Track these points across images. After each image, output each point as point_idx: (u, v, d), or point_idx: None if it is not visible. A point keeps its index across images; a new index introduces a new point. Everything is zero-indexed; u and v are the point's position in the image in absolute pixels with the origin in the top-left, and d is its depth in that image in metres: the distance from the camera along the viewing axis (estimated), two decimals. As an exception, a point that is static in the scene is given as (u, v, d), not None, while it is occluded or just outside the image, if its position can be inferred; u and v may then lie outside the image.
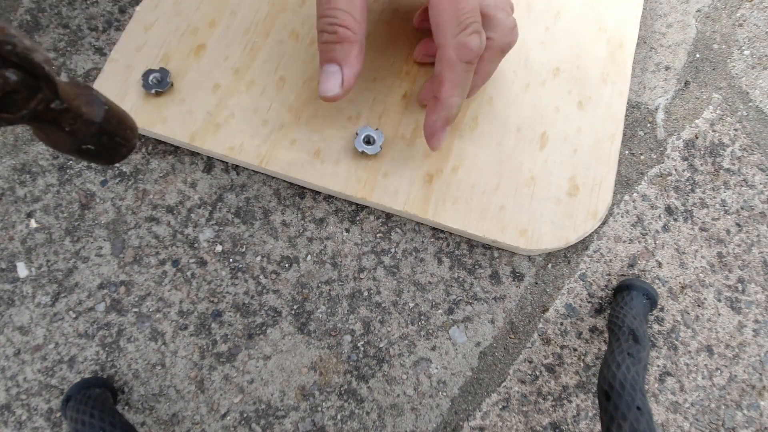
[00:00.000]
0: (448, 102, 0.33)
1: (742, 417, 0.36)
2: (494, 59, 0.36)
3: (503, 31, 0.34)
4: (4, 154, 0.40)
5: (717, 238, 0.40)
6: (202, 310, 0.38)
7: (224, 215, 0.40)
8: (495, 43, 0.35)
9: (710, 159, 0.42)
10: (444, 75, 0.32)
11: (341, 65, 0.33)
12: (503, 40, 0.35)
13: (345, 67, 0.33)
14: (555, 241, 0.38)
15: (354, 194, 0.38)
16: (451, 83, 0.33)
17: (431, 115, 0.35)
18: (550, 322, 0.38)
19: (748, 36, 0.46)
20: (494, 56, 0.36)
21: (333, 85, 0.33)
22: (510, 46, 0.36)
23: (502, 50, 0.35)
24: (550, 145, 0.40)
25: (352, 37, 0.32)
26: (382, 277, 0.39)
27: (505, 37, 0.35)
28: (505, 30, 0.34)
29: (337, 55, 0.33)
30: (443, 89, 0.33)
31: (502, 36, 0.35)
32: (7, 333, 0.37)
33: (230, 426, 0.36)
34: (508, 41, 0.35)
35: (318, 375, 0.37)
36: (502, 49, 0.35)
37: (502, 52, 0.36)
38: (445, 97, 0.33)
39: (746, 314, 0.39)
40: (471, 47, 0.31)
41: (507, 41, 0.35)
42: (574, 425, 0.36)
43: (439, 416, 0.36)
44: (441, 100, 0.33)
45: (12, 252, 0.38)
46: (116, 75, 0.40)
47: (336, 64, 0.33)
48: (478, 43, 0.31)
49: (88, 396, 0.33)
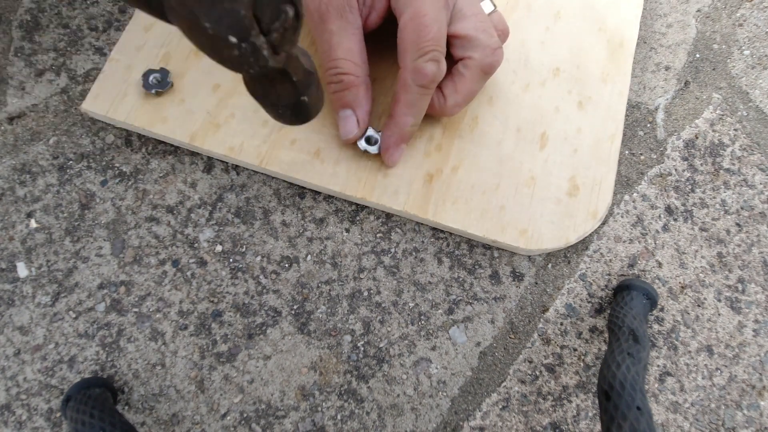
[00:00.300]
0: (400, 120, 0.36)
1: (742, 417, 0.36)
2: (476, 79, 0.36)
3: (484, 51, 0.35)
4: (4, 154, 0.40)
5: (717, 238, 0.40)
6: (202, 310, 0.38)
7: (224, 215, 0.40)
8: (475, 62, 0.35)
9: (710, 159, 0.42)
10: (399, 95, 0.35)
11: (353, 109, 0.36)
12: (484, 61, 0.35)
13: (357, 110, 0.36)
14: (555, 241, 0.38)
15: (354, 194, 0.38)
16: (405, 103, 0.35)
17: (385, 131, 0.37)
18: (550, 322, 0.38)
19: (748, 36, 0.46)
20: (475, 76, 0.36)
21: (351, 128, 0.37)
22: (492, 66, 0.36)
23: (483, 70, 0.36)
24: (550, 145, 0.40)
25: (356, 81, 0.35)
26: (382, 277, 0.39)
27: (486, 58, 0.35)
28: (487, 50, 0.35)
29: (348, 100, 0.36)
30: (397, 108, 0.35)
31: (483, 56, 0.35)
32: (7, 333, 0.37)
33: (230, 426, 0.36)
34: (489, 62, 0.36)
35: (318, 375, 0.37)
36: (482, 69, 0.36)
37: (484, 72, 0.36)
38: (397, 115, 0.36)
39: (746, 314, 0.39)
40: (425, 73, 0.33)
41: (488, 62, 0.36)
42: (574, 425, 0.36)
43: (439, 416, 0.36)
44: (394, 117, 0.36)
45: (12, 252, 0.38)
46: (116, 75, 0.40)
47: (349, 108, 0.36)
48: (434, 70, 0.33)
49: (88, 396, 0.33)
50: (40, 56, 0.43)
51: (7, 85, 0.42)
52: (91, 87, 0.40)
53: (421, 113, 0.36)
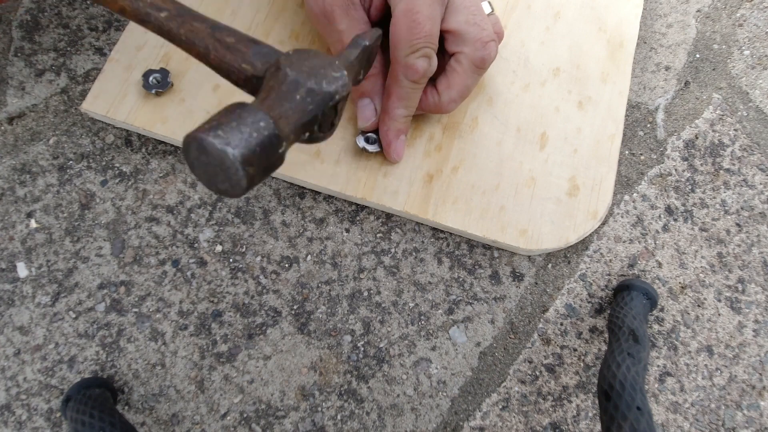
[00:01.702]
0: (393, 113, 0.36)
1: (742, 417, 0.36)
2: (468, 73, 0.36)
3: (474, 45, 0.35)
4: (4, 154, 0.40)
5: (717, 238, 0.40)
6: (202, 310, 0.38)
7: (224, 215, 0.40)
8: (466, 56, 0.35)
9: (710, 159, 0.42)
10: (391, 89, 0.36)
11: (372, 98, 0.37)
12: (475, 54, 0.35)
13: (375, 98, 0.37)
14: (555, 241, 0.38)
15: (354, 194, 0.38)
16: (397, 96, 0.36)
17: (382, 126, 0.37)
18: (550, 322, 0.38)
19: (748, 36, 0.46)
20: (468, 70, 0.36)
21: (369, 116, 0.38)
22: (483, 60, 0.36)
23: (476, 64, 0.36)
24: (550, 145, 0.40)
25: (374, 71, 0.36)
26: (382, 277, 0.39)
27: (476, 51, 0.35)
28: (477, 44, 0.35)
29: (367, 89, 0.37)
30: (389, 102, 0.36)
31: (473, 50, 0.35)
32: (7, 333, 0.37)
33: (230, 426, 0.36)
34: (480, 55, 0.35)
35: (318, 375, 0.37)
36: (474, 63, 0.36)
37: (476, 66, 0.36)
38: (390, 108, 0.36)
39: (746, 314, 0.39)
40: (416, 68, 0.33)
41: (479, 55, 0.35)
42: (574, 425, 0.36)
43: (439, 416, 0.36)
44: (387, 111, 0.36)
45: (12, 252, 0.38)
46: (116, 75, 0.40)
47: (367, 97, 0.37)
48: (425, 66, 0.34)
49: (88, 396, 0.33)
50: (40, 56, 0.43)
51: (7, 85, 0.42)
52: (91, 87, 0.40)
53: (413, 105, 0.36)
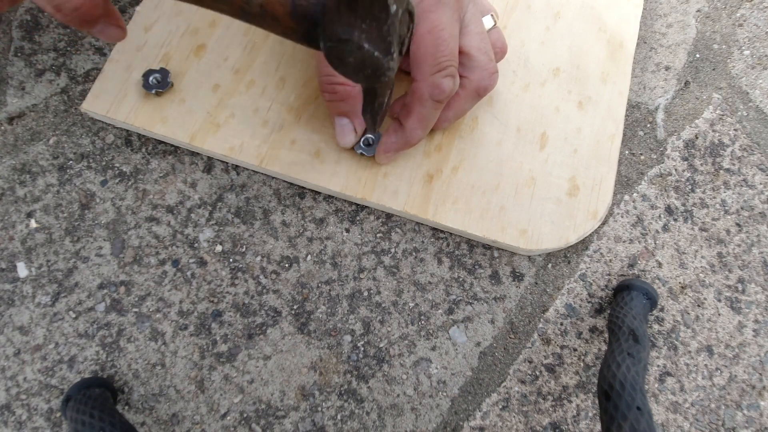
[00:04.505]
0: (411, 132, 0.36)
1: (742, 417, 0.36)
2: (469, 99, 0.36)
3: (481, 74, 0.35)
4: (4, 154, 0.40)
5: (717, 238, 0.40)
6: (202, 310, 0.38)
7: (224, 215, 0.40)
8: (470, 83, 0.35)
9: (710, 159, 0.42)
10: (413, 107, 0.35)
11: (350, 118, 0.36)
12: (480, 83, 0.35)
13: (354, 119, 0.36)
14: (555, 241, 0.38)
15: (354, 194, 0.38)
16: (418, 116, 0.35)
17: (391, 136, 0.36)
18: (550, 322, 0.38)
19: (748, 36, 0.46)
20: (469, 96, 0.36)
21: (348, 138, 0.37)
22: (486, 90, 0.36)
23: (477, 92, 0.36)
24: (550, 145, 0.40)
25: (351, 92, 0.35)
26: (382, 277, 0.39)
27: (482, 80, 0.35)
28: (484, 73, 0.35)
29: (344, 110, 0.36)
30: (409, 120, 0.35)
31: (479, 78, 0.35)
32: (7, 333, 0.37)
33: (230, 426, 0.36)
34: (484, 85, 0.35)
35: (318, 375, 0.37)
36: (476, 91, 0.36)
37: (477, 94, 0.36)
38: (409, 128, 0.35)
39: (746, 314, 0.39)
40: (443, 88, 0.33)
41: (483, 84, 0.35)
42: (574, 425, 0.36)
43: (439, 416, 0.36)
44: (405, 128, 0.36)
45: (12, 252, 0.38)
46: (116, 75, 0.40)
47: (345, 117, 0.36)
48: (451, 86, 0.33)
49: (88, 396, 0.33)
50: (40, 56, 0.43)
51: (7, 85, 0.42)
52: (91, 87, 0.40)
53: (429, 126, 0.36)
